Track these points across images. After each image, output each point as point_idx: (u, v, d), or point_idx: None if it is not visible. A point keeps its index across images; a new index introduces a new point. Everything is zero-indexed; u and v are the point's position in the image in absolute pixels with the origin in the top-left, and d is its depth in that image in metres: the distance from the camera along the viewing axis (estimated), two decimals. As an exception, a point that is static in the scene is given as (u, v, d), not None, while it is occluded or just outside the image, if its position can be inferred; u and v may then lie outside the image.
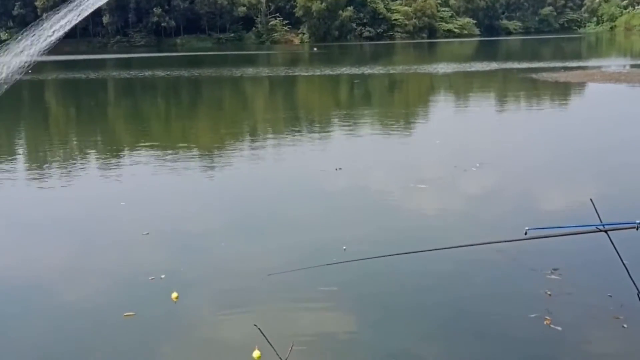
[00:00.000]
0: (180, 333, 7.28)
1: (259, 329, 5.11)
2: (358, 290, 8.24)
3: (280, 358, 5.12)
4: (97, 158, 18.15)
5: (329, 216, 11.54)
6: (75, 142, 22.36)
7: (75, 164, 17.31)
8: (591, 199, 4.23)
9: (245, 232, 10.66)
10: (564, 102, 28.98)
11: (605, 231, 4.22)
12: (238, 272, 8.94)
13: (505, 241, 5.59)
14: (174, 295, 7.72)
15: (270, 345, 5.05)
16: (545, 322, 7.15)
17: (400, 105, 31.16)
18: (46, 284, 8.81)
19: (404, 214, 11.56)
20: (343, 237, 9.96)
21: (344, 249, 8.96)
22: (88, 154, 19.14)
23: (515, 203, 11.98)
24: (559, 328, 7.02)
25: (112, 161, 17.38)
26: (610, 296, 7.67)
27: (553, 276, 8.32)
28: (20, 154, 19.59)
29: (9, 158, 18.31)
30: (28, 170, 16.79)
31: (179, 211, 11.99)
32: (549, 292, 7.85)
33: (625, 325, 7.02)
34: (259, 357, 5.44)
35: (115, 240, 10.41)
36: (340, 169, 14.89)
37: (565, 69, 42.22)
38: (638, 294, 3.86)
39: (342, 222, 11.11)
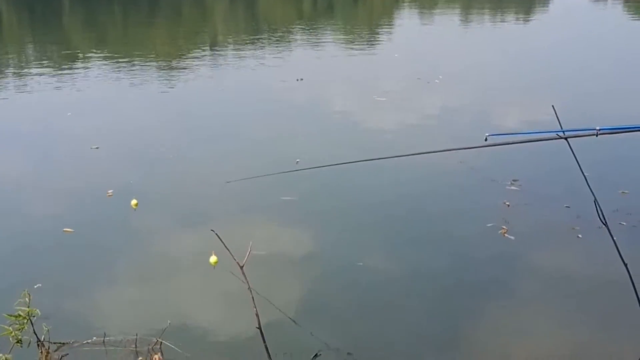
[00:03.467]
0: (134, 242, 7.17)
1: (216, 234, 5.00)
2: (317, 198, 8.19)
3: (237, 263, 5.05)
4: (47, 66, 17.53)
5: (289, 126, 11.38)
6: (25, 50, 21.57)
7: (23, 72, 16.72)
8: (553, 106, 4.15)
9: (201, 143, 10.42)
10: (529, 16, 28.82)
11: (565, 138, 4.17)
12: (195, 181, 8.79)
13: (465, 148, 5.53)
14: (134, 202, 7.51)
15: (227, 249, 4.96)
16: (500, 232, 7.20)
17: (365, 18, 30.63)
18: None
19: (367, 124, 11.44)
20: (303, 147, 9.86)
21: (297, 162, 8.73)
22: (38, 61, 18.49)
23: (477, 113, 11.95)
24: (512, 237, 7.08)
25: (63, 70, 16.81)
26: (567, 207, 7.73)
27: (513, 187, 8.36)
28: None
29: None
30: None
31: (131, 123, 11.64)
32: (507, 203, 7.88)
33: (580, 236, 7.09)
34: (216, 262, 5.36)
35: (61, 154, 10.00)
36: (301, 79, 14.65)
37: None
38: (595, 202, 3.83)
39: (302, 132, 10.98)
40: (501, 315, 5.80)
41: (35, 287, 4.92)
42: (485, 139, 4.90)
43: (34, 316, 4.65)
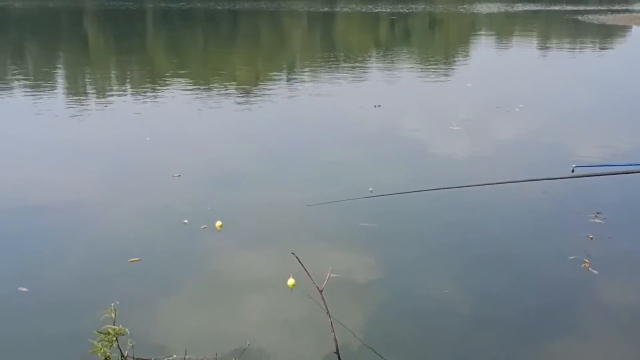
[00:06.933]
0: (213, 265, 7.25)
1: (297, 257, 5.06)
2: (396, 226, 8.14)
3: (317, 287, 5.08)
4: (128, 89, 18.09)
5: (367, 153, 11.40)
6: (108, 73, 22.36)
7: (105, 93, 17.29)
8: (642, 137, 4.05)
9: (280, 168, 10.53)
10: (608, 45, 28.19)
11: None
12: (274, 205, 8.87)
13: (551, 178, 5.42)
14: (218, 223, 7.60)
15: (307, 272, 5.01)
16: (583, 265, 7.01)
17: (441, 45, 30.52)
18: (61, 224, 8.39)
19: (448, 152, 11.33)
20: (380, 174, 9.86)
21: (370, 190, 8.63)
22: (120, 84, 19.12)
23: (562, 144, 11.69)
24: (596, 272, 6.88)
25: (145, 94, 17.29)
26: (654, 243, 7.49)
27: (597, 220, 8.12)
28: (53, 82, 19.61)
29: (42, 86, 18.39)
30: (59, 98, 16.78)
31: (210, 149, 11.73)
32: (590, 236, 7.67)
33: (666, 273, 6.84)
34: (294, 285, 5.40)
35: (141, 182, 10.03)
36: (379, 106, 14.70)
37: (612, 11, 40.88)
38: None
39: (379, 159, 10.98)
40: (577, 351, 5.63)
41: (112, 305, 5.00)
42: (572, 170, 4.82)
43: (122, 334, 4.77)
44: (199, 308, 6.41)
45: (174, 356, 5.42)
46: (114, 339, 4.67)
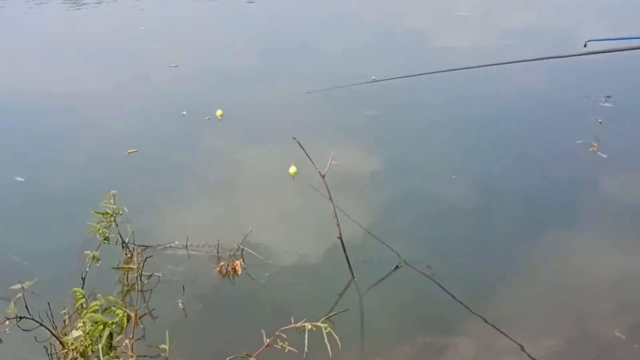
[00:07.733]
0: (214, 155, 7.12)
1: (298, 141, 4.90)
2: (398, 112, 7.96)
3: (319, 172, 4.95)
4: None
5: (369, 41, 11.02)
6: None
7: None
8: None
9: (280, 58, 10.15)
10: None
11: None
12: (275, 94, 8.62)
13: (562, 56, 5.13)
14: (219, 112, 7.40)
15: (308, 157, 4.86)
16: (591, 149, 6.85)
17: None
18: (59, 117, 8.22)
19: (454, 37, 10.89)
20: (382, 60, 9.55)
21: (373, 79, 8.35)
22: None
23: (576, 23, 11.25)
24: (605, 155, 6.73)
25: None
26: (664, 125, 7.30)
27: (607, 104, 7.89)
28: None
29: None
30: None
31: (207, 38, 11.38)
32: (599, 120, 7.47)
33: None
34: (295, 173, 5.25)
35: (137, 72, 9.79)
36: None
37: None
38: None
39: (383, 47, 10.63)
40: (584, 235, 5.54)
41: (111, 193, 4.83)
42: (585, 45, 4.57)
43: (120, 213, 4.66)
44: (199, 197, 6.31)
45: (176, 242, 5.35)
46: (112, 218, 4.57)
